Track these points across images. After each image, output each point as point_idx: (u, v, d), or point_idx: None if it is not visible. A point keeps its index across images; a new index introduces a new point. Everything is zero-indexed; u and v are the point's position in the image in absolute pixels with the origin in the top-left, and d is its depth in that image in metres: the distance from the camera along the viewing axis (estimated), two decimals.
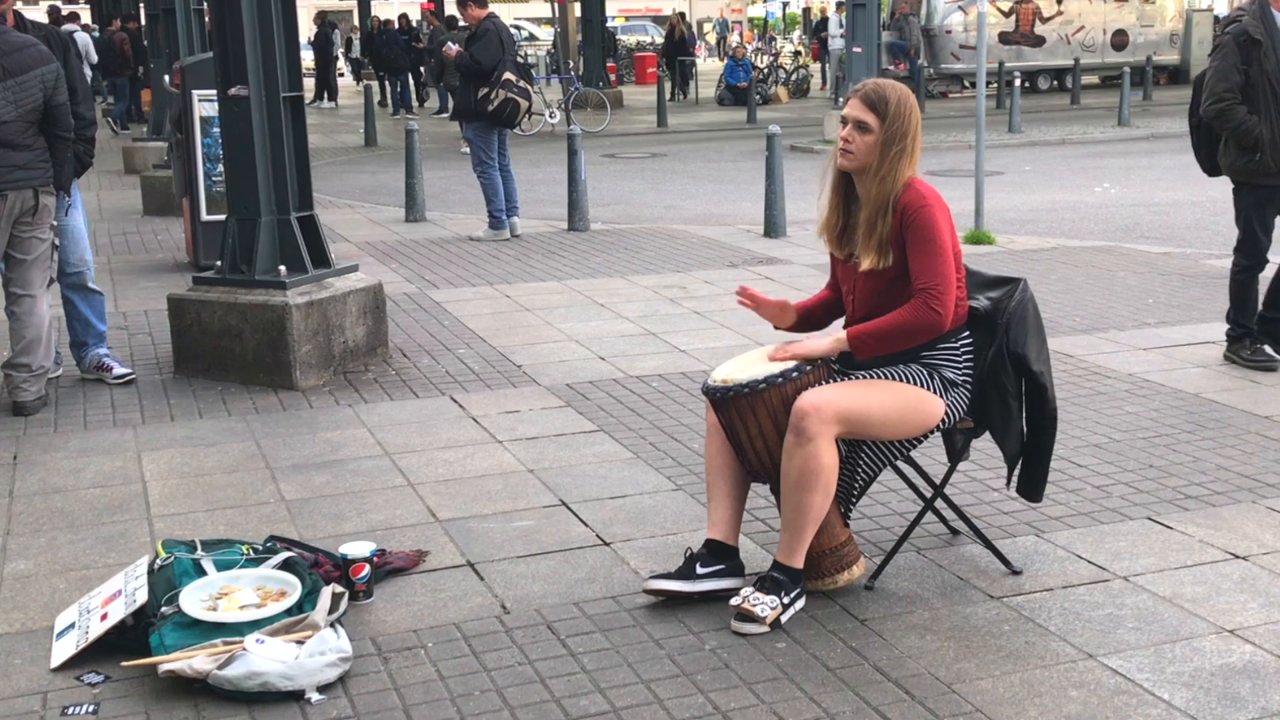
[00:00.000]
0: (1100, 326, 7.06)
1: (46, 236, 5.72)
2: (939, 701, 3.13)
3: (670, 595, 3.67)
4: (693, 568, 3.69)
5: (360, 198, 13.69)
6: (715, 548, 3.73)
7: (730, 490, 3.76)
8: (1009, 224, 11.06)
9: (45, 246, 5.73)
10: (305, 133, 6.43)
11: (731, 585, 3.68)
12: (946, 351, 3.70)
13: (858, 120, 3.63)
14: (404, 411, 5.70)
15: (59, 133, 5.63)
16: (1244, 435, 5.13)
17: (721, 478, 3.76)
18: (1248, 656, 3.33)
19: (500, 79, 10.09)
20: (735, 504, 3.77)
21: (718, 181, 15.03)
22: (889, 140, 3.59)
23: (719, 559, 3.71)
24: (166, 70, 11.51)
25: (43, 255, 5.73)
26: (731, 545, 3.75)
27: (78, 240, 6.18)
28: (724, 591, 3.67)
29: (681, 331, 7.13)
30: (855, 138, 3.63)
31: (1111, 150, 17.38)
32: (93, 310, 6.28)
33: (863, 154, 3.63)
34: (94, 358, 6.27)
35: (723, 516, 3.76)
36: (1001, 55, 26.29)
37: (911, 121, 3.63)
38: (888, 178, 3.60)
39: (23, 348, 5.72)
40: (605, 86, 26.78)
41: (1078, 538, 4.13)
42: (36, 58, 5.49)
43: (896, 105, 3.61)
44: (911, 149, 3.62)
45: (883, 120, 3.60)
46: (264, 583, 3.60)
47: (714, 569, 3.70)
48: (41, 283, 5.75)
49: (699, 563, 3.70)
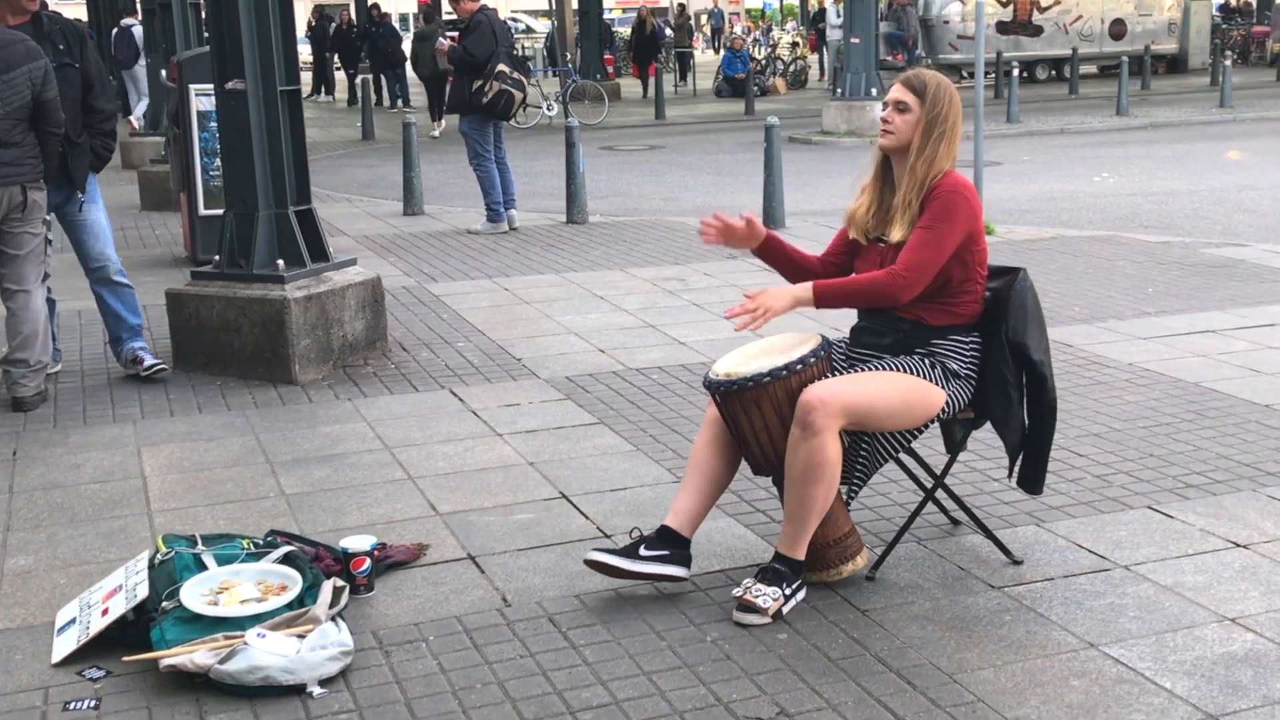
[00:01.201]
0: (1100, 316, 7.06)
1: (39, 231, 5.68)
2: (940, 691, 3.13)
3: (607, 570, 3.63)
4: (637, 549, 3.66)
5: (358, 191, 13.69)
6: (667, 534, 3.69)
7: (705, 488, 3.74)
8: (1008, 214, 11.06)
9: (37, 242, 5.70)
10: (303, 126, 6.42)
11: (671, 572, 3.64)
12: (955, 344, 3.71)
13: (897, 101, 3.71)
14: (403, 405, 5.69)
15: (49, 129, 5.59)
16: (1244, 424, 5.13)
17: (701, 473, 3.74)
18: (1249, 645, 3.33)
19: (494, 71, 10.07)
20: (704, 501, 3.74)
21: (716, 173, 15.02)
22: (931, 121, 3.66)
23: (666, 545, 3.68)
24: (163, 65, 11.49)
25: (35, 250, 5.69)
26: (685, 537, 3.71)
27: (98, 235, 6.14)
28: (661, 577, 3.64)
29: (681, 323, 7.13)
30: (894, 117, 3.70)
31: (1110, 140, 17.37)
32: (123, 304, 6.24)
33: (903, 132, 3.68)
34: (129, 351, 6.24)
35: (687, 508, 3.72)
36: (999, 45, 26.27)
37: (953, 108, 3.70)
38: (929, 159, 3.65)
39: (19, 343, 5.70)
40: (602, 79, 26.75)
41: (1078, 527, 4.13)
42: (23, 54, 5.45)
43: (936, 89, 3.70)
44: (952, 135, 3.68)
45: (922, 100, 3.67)
46: (265, 577, 3.60)
47: (658, 553, 3.65)
48: (35, 278, 5.72)
49: (645, 545, 3.67)
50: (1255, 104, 21.35)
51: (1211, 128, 18.61)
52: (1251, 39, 33.59)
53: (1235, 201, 11.73)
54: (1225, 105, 20.63)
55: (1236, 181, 13.08)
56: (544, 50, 33.58)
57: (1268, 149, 15.79)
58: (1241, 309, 7.12)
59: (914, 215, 3.66)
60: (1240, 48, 32.86)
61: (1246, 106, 20.78)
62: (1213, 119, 19.47)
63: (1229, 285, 7.76)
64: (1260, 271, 8.15)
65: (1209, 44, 30.88)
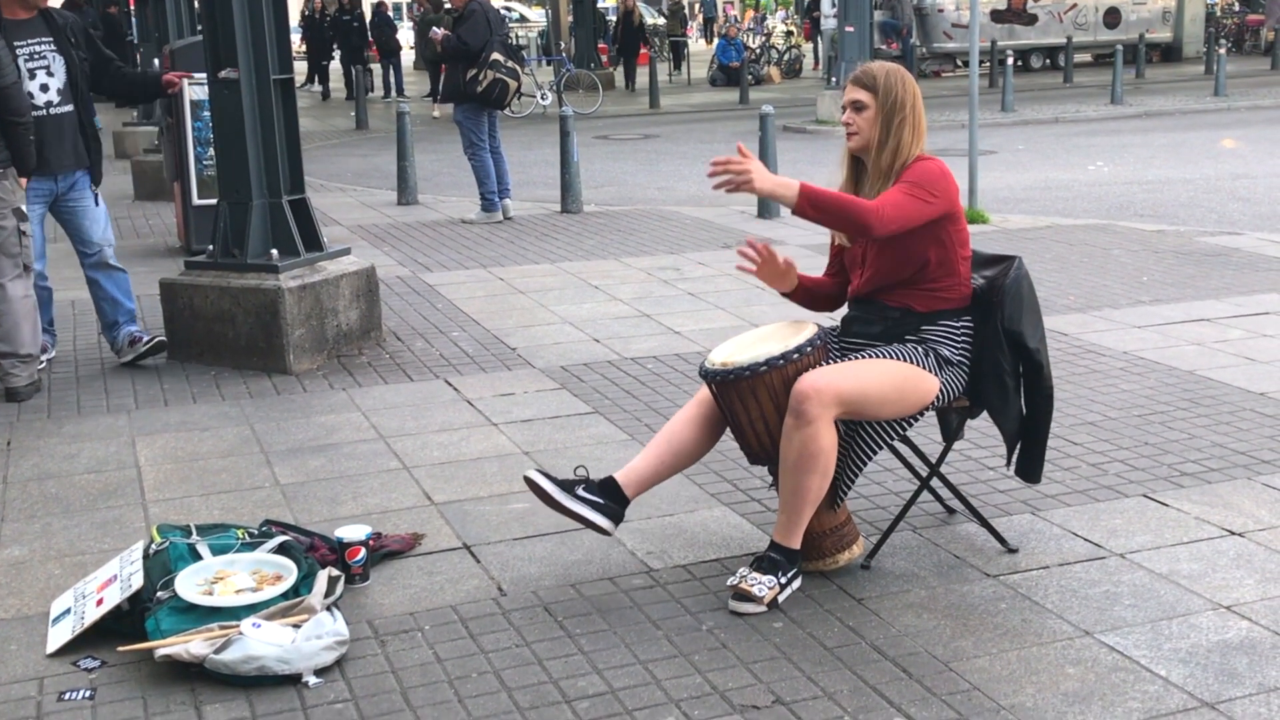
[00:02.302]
0: (1094, 305, 7.06)
1: (8, 223, 5.57)
2: (936, 680, 3.13)
3: (540, 494, 3.63)
4: (575, 486, 3.65)
5: (352, 181, 13.66)
6: (609, 486, 3.67)
7: (666, 459, 3.72)
8: (1002, 203, 11.05)
9: (7, 234, 5.57)
10: (296, 115, 6.40)
11: (598, 521, 3.62)
12: (946, 329, 3.70)
13: (853, 101, 3.70)
14: (398, 395, 5.69)
15: (10, 118, 5.51)
16: (1239, 412, 5.14)
17: (669, 444, 3.73)
18: (1244, 632, 3.33)
19: (488, 59, 10.05)
20: (660, 470, 3.73)
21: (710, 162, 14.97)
22: (889, 112, 3.64)
23: (604, 495, 3.66)
24: (156, 54, 11.45)
25: (5, 242, 5.57)
26: (625, 496, 3.69)
27: (96, 221, 6.15)
28: (588, 523, 3.62)
29: (676, 313, 7.12)
30: (855, 118, 3.69)
31: (1104, 128, 17.36)
32: (118, 288, 6.24)
33: (865, 130, 3.67)
34: (125, 335, 6.24)
35: (639, 470, 3.71)
36: (994, 34, 26.23)
37: (907, 91, 3.67)
38: (894, 148, 3.64)
39: (2, 335, 5.65)
40: (597, 68, 26.69)
41: (1074, 515, 4.13)
42: None
43: (886, 78, 3.67)
44: (914, 119, 3.66)
45: (875, 93, 3.65)
46: (260, 567, 3.60)
47: (592, 499, 3.64)
48: (12, 269, 5.61)
49: (584, 486, 3.66)
50: (1250, 93, 21.34)
51: (1206, 116, 18.60)
52: (1246, 27, 33.59)
53: (1230, 190, 11.73)
54: (1220, 94, 20.63)
55: (1231, 170, 13.09)
56: (538, 39, 33.50)
57: (1262, 137, 15.79)
58: (1236, 297, 7.13)
59: None
60: (1235, 36, 32.85)
61: (1241, 95, 20.78)
62: (1207, 107, 19.47)
63: (1224, 274, 7.76)
64: (1255, 260, 8.16)
65: (1203, 32, 30.87)
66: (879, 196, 3.57)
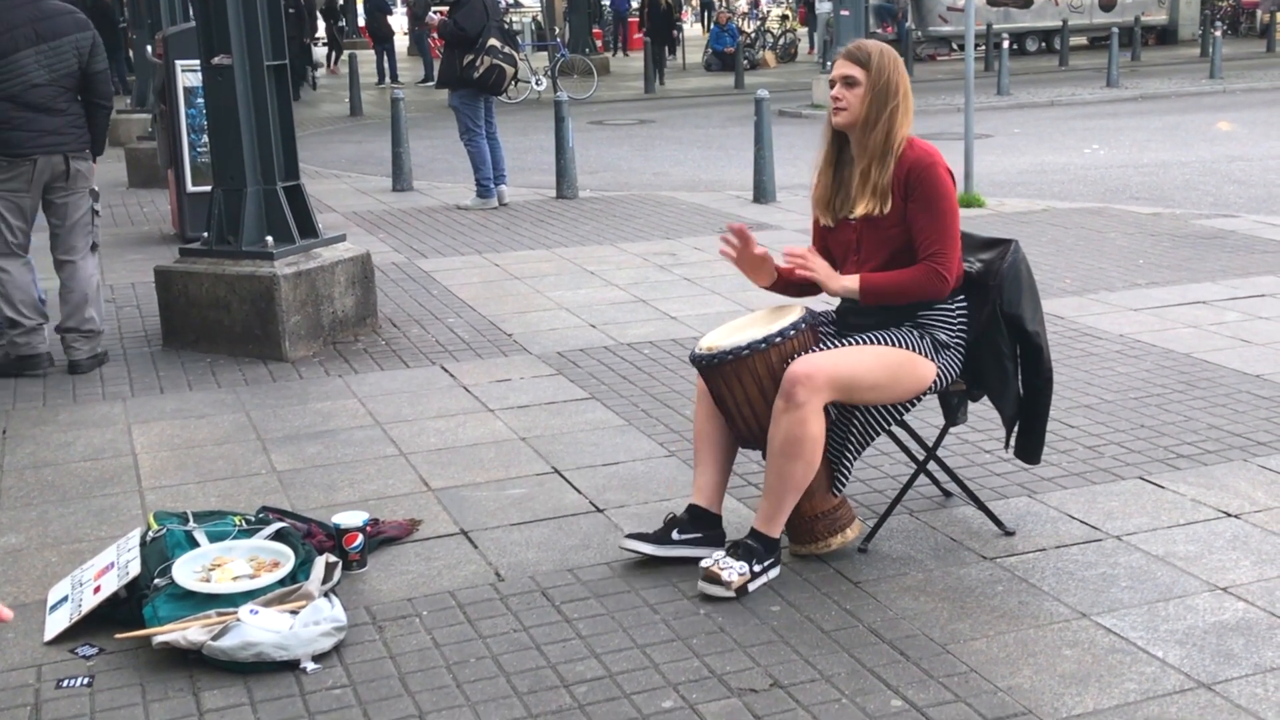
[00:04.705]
0: (1091, 288, 7.06)
1: (85, 202, 5.85)
2: (933, 662, 3.14)
3: (643, 556, 3.68)
4: (669, 533, 3.69)
5: (346, 167, 13.63)
6: (697, 514, 3.72)
7: (717, 457, 3.75)
8: (998, 186, 11.05)
9: (84, 212, 5.87)
10: (290, 102, 6.37)
11: (707, 554, 3.64)
12: (941, 313, 3.70)
13: (844, 76, 3.67)
14: (394, 381, 5.68)
15: (97, 100, 5.79)
16: (1235, 394, 5.14)
17: (709, 444, 3.75)
18: (1240, 614, 3.34)
19: (485, 45, 10.02)
20: (721, 471, 3.76)
21: (706, 147, 14.98)
22: (880, 92, 3.63)
23: (699, 526, 3.70)
24: (149, 41, 11.41)
25: (82, 220, 5.87)
26: (714, 513, 3.73)
27: None
28: (696, 559, 3.66)
29: (672, 298, 7.12)
30: (845, 94, 3.66)
31: (1100, 111, 17.35)
32: None
33: (855, 106, 3.65)
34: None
35: (708, 482, 3.75)
36: (989, 17, 26.19)
37: (899, 74, 3.68)
38: (887, 129, 3.62)
39: (69, 310, 5.86)
40: (591, 53, 26.63)
41: (1070, 498, 4.14)
42: (71, 25, 5.66)
43: (879, 57, 3.66)
44: (904, 103, 3.66)
45: (868, 71, 3.64)
46: (257, 553, 3.60)
47: (691, 536, 3.69)
48: (84, 247, 5.90)
49: (677, 529, 3.70)
50: (1245, 75, 21.33)
51: (1202, 99, 18.59)
52: (1241, 10, 33.55)
53: (1226, 172, 11.73)
54: (1215, 76, 20.62)
55: (1227, 153, 13.08)
56: (533, 24, 33.39)
57: (1258, 120, 15.78)
58: (1232, 280, 7.13)
59: (876, 186, 3.63)
60: (1230, 19, 32.81)
61: (1237, 77, 20.77)
62: (1203, 90, 19.45)
63: (1220, 256, 7.76)
64: (1251, 242, 8.16)
65: (1199, 15, 30.83)
66: (921, 245, 3.58)
